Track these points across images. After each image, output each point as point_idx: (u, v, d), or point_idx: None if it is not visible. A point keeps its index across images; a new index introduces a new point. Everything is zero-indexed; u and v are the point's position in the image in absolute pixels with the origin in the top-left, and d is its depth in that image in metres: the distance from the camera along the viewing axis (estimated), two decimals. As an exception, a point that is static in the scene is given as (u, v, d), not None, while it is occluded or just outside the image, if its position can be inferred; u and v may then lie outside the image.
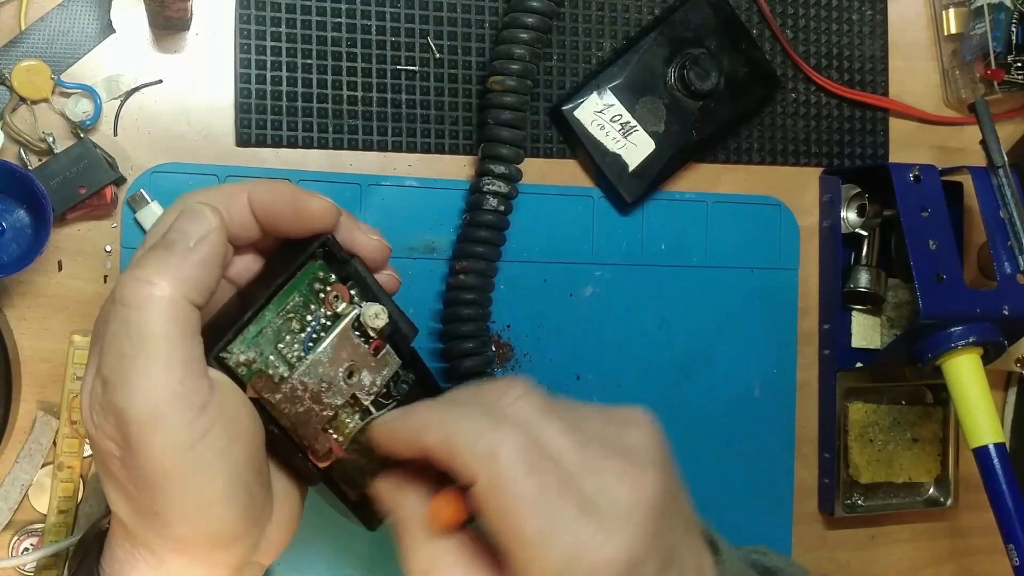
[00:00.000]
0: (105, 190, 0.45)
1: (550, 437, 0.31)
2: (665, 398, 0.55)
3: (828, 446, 0.57)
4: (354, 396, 0.34)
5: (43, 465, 0.46)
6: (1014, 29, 0.58)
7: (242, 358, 0.32)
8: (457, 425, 0.31)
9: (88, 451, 0.46)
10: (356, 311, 0.35)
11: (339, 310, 0.35)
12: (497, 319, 0.52)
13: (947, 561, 0.62)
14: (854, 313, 0.58)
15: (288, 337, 0.33)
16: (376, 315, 0.35)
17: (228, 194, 0.34)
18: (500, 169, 0.49)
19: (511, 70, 0.48)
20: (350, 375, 0.34)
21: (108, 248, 0.47)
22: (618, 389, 0.54)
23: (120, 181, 0.46)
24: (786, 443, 0.57)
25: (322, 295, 0.34)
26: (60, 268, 0.46)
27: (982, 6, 0.58)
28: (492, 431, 0.30)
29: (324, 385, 0.34)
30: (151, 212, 0.46)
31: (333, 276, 0.35)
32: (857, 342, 0.58)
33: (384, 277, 0.37)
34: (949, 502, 0.60)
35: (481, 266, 0.49)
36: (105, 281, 0.47)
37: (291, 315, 0.34)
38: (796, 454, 0.58)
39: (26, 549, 0.45)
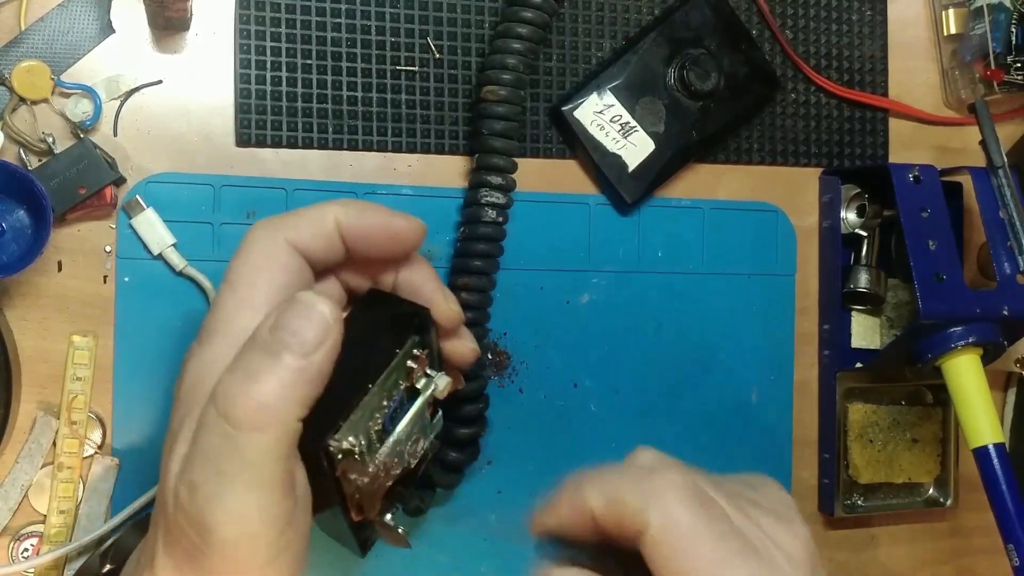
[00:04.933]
0: (105, 190, 0.45)
1: (704, 486, 0.32)
2: (662, 404, 0.55)
3: (828, 446, 0.57)
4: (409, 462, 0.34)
5: (43, 465, 0.46)
6: (1014, 29, 0.58)
7: (344, 445, 0.31)
8: (617, 480, 0.32)
9: (88, 451, 0.46)
10: (432, 386, 0.34)
11: (419, 385, 0.34)
12: (494, 327, 0.52)
13: (947, 561, 0.62)
14: (854, 313, 0.58)
15: (377, 415, 0.32)
16: (446, 387, 0.34)
17: (315, 220, 0.33)
18: (497, 180, 0.49)
19: (504, 80, 0.48)
20: (416, 443, 0.34)
21: (108, 248, 0.47)
22: (616, 396, 0.54)
23: (120, 181, 0.46)
24: (784, 447, 0.57)
25: (409, 370, 0.33)
26: (60, 268, 0.46)
27: (982, 6, 0.58)
28: (654, 478, 0.31)
29: (396, 459, 0.33)
30: (146, 219, 0.46)
31: (419, 350, 0.34)
32: (857, 342, 0.58)
33: (462, 347, 0.37)
34: (949, 502, 0.60)
35: (482, 282, 0.49)
36: (105, 281, 0.46)
37: (383, 393, 0.32)
38: (796, 454, 0.58)
39: (26, 550, 0.45)
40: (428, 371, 0.34)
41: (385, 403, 0.33)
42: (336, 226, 0.33)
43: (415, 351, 0.34)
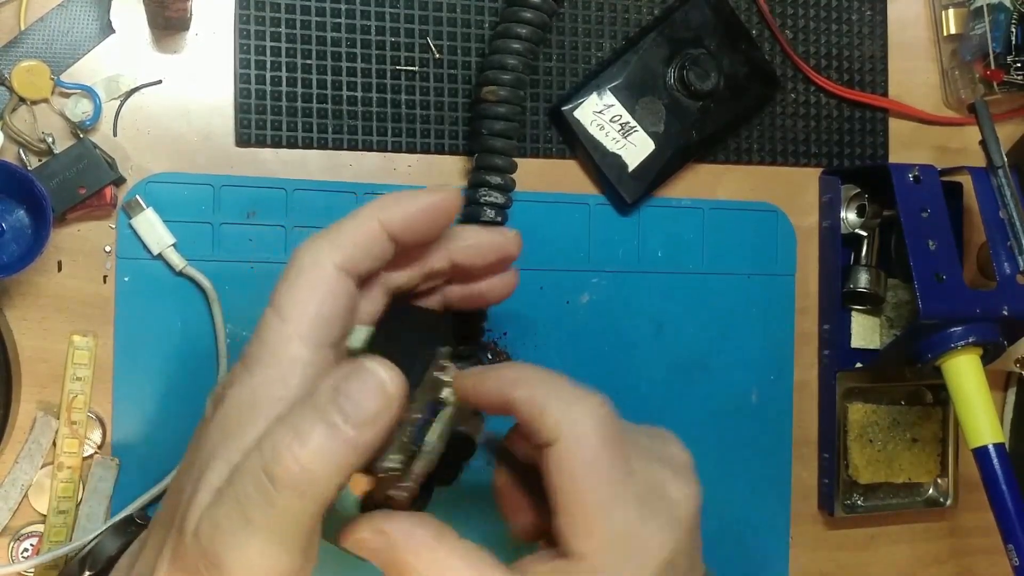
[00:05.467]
0: (105, 190, 0.45)
1: (619, 429, 0.33)
2: (662, 404, 0.55)
3: (828, 446, 0.57)
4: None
5: (43, 465, 0.46)
6: (1014, 29, 0.58)
7: (387, 464, 0.31)
8: (551, 385, 0.32)
9: (88, 451, 0.46)
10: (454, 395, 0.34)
11: (443, 396, 0.34)
12: (493, 327, 0.52)
13: (947, 561, 0.62)
14: (854, 313, 0.58)
15: (409, 428, 0.32)
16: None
17: (362, 235, 0.32)
18: (496, 180, 0.49)
19: (504, 80, 0.48)
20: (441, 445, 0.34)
21: (108, 248, 0.47)
22: (615, 396, 0.53)
23: (120, 181, 0.46)
24: (784, 447, 0.57)
25: (436, 382, 0.34)
26: (60, 268, 0.46)
27: (982, 6, 0.58)
28: (585, 399, 0.32)
29: (427, 467, 0.33)
30: (146, 219, 0.46)
31: (445, 360, 0.34)
32: (857, 342, 0.58)
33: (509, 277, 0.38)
34: (949, 502, 0.60)
35: None
36: (104, 281, 0.46)
37: (413, 407, 0.32)
38: (795, 454, 0.58)
39: (26, 550, 0.45)
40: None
41: (416, 416, 0.32)
42: (383, 230, 0.33)
43: (442, 362, 0.34)
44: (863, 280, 0.56)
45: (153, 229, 0.46)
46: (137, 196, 0.46)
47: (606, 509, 0.31)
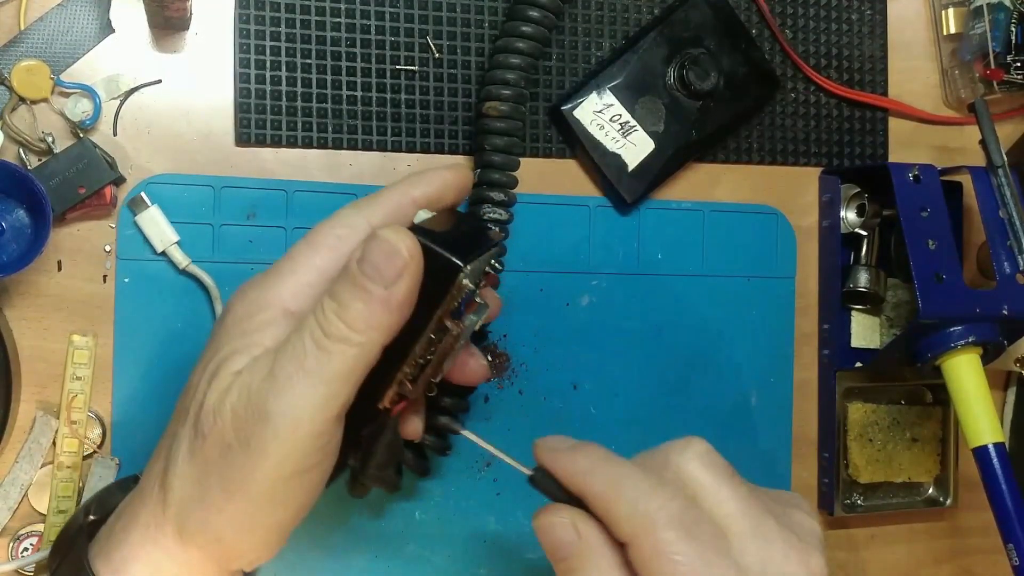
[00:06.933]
0: (104, 190, 0.45)
1: (719, 500, 0.32)
2: (662, 407, 0.55)
3: (828, 446, 0.57)
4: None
5: (43, 465, 0.46)
6: (1013, 29, 0.58)
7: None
8: (621, 480, 0.32)
9: (87, 451, 0.46)
10: (475, 322, 0.38)
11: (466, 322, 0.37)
12: (493, 328, 0.52)
13: (947, 561, 0.62)
14: (854, 313, 0.58)
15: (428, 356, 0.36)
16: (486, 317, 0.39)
17: (398, 207, 0.36)
18: (500, 196, 0.49)
19: (505, 96, 0.49)
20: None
21: (107, 248, 0.47)
22: (615, 399, 0.54)
23: (119, 181, 0.46)
24: (783, 448, 0.57)
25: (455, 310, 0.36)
26: (60, 268, 0.46)
27: (981, 6, 0.58)
28: (651, 495, 0.31)
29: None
30: (151, 216, 0.46)
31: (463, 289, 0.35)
32: (857, 342, 0.58)
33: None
34: (949, 502, 0.60)
35: None
36: (104, 281, 0.46)
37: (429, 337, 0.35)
38: (795, 454, 0.58)
39: (25, 550, 0.45)
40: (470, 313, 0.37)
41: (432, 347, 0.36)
42: (413, 204, 0.36)
43: (463, 292, 0.35)
44: (863, 280, 0.56)
45: (158, 226, 0.46)
46: (142, 193, 0.46)
47: None
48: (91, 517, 0.37)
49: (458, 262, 0.33)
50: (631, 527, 0.31)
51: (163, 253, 0.47)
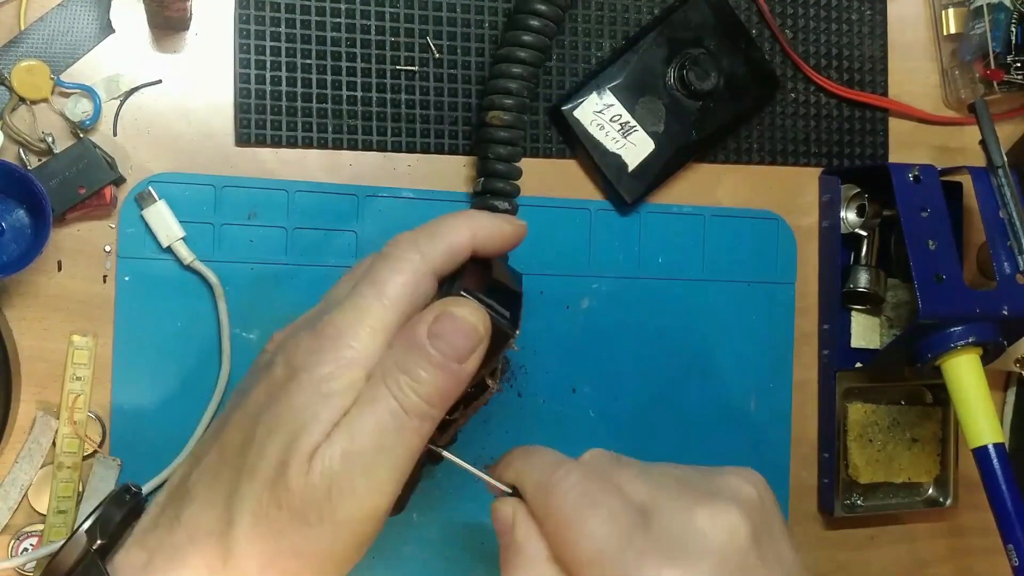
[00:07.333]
0: (104, 190, 0.45)
1: (624, 478, 0.36)
2: (661, 411, 0.55)
3: (827, 446, 0.57)
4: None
5: (43, 465, 0.46)
6: (1013, 29, 0.58)
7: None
8: (531, 462, 0.37)
9: (88, 451, 0.46)
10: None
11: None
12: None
13: (947, 561, 0.62)
14: (854, 313, 0.58)
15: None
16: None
17: (455, 247, 0.37)
18: (503, 205, 0.49)
19: (507, 105, 0.49)
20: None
21: (107, 248, 0.47)
22: (615, 402, 0.54)
23: (119, 181, 0.46)
24: (783, 451, 0.57)
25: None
26: (60, 268, 0.46)
27: (982, 6, 0.58)
28: (557, 468, 0.35)
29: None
30: (157, 211, 0.46)
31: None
32: (857, 342, 0.58)
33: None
34: (949, 502, 0.60)
35: None
36: (104, 281, 0.46)
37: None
38: (795, 454, 0.58)
39: (26, 550, 0.45)
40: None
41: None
42: (471, 245, 0.37)
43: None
44: (863, 280, 0.56)
45: (164, 221, 0.46)
46: (150, 187, 0.46)
47: (604, 559, 0.33)
48: (99, 542, 0.37)
49: (512, 330, 0.35)
50: (536, 500, 0.35)
51: (167, 249, 0.47)
